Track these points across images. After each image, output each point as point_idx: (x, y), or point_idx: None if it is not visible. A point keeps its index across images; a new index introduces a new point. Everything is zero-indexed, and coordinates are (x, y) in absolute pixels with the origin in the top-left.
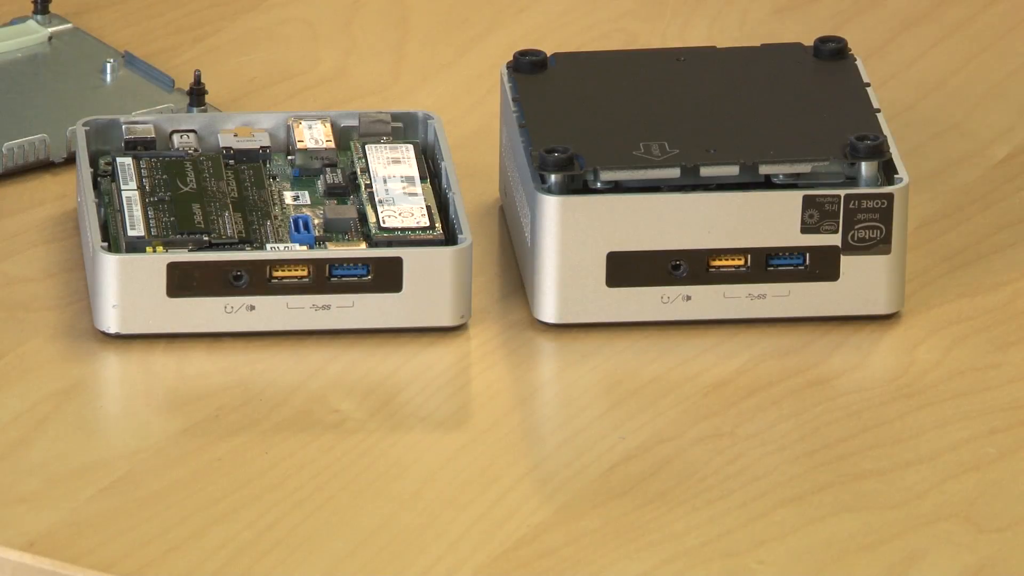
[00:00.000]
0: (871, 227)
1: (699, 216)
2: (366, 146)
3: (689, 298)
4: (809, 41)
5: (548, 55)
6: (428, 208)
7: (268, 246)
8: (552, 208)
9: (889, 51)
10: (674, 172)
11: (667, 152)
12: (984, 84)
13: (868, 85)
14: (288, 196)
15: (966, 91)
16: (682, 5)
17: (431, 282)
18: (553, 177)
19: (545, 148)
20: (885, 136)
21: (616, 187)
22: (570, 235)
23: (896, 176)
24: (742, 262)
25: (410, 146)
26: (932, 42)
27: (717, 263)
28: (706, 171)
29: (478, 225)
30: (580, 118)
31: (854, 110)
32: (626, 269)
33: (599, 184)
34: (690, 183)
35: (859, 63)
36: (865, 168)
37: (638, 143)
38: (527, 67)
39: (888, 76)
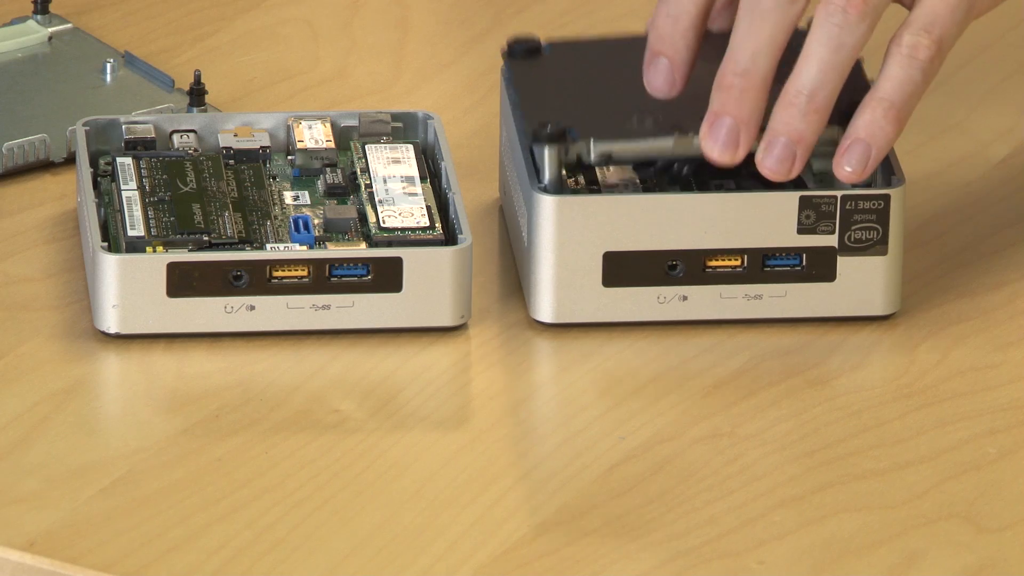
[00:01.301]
0: (868, 228)
1: (696, 216)
2: (366, 146)
3: (685, 298)
4: None
5: (542, 42)
6: (428, 208)
7: (268, 246)
8: (548, 208)
9: None
10: (667, 143)
11: (661, 124)
12: (984, 84)
13: (868, 85)
14: (288, 196)
15: (966, 91)
16: None
17: (431, 282)
18: (549, 174)
19: (539, 122)
20: None
21: (614, 188)
22: (566, 235)
23: (893, 177)
24: (739, 262)
25: (410, 146)
26: None
27: (714, 263)
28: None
29: (478, 225)
30: (575, 102)
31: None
32: (622, 269)
33: (593, 157)
34: (682, 156)
35: (859, 63)
36: None
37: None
38: (520, 53)
39: None
